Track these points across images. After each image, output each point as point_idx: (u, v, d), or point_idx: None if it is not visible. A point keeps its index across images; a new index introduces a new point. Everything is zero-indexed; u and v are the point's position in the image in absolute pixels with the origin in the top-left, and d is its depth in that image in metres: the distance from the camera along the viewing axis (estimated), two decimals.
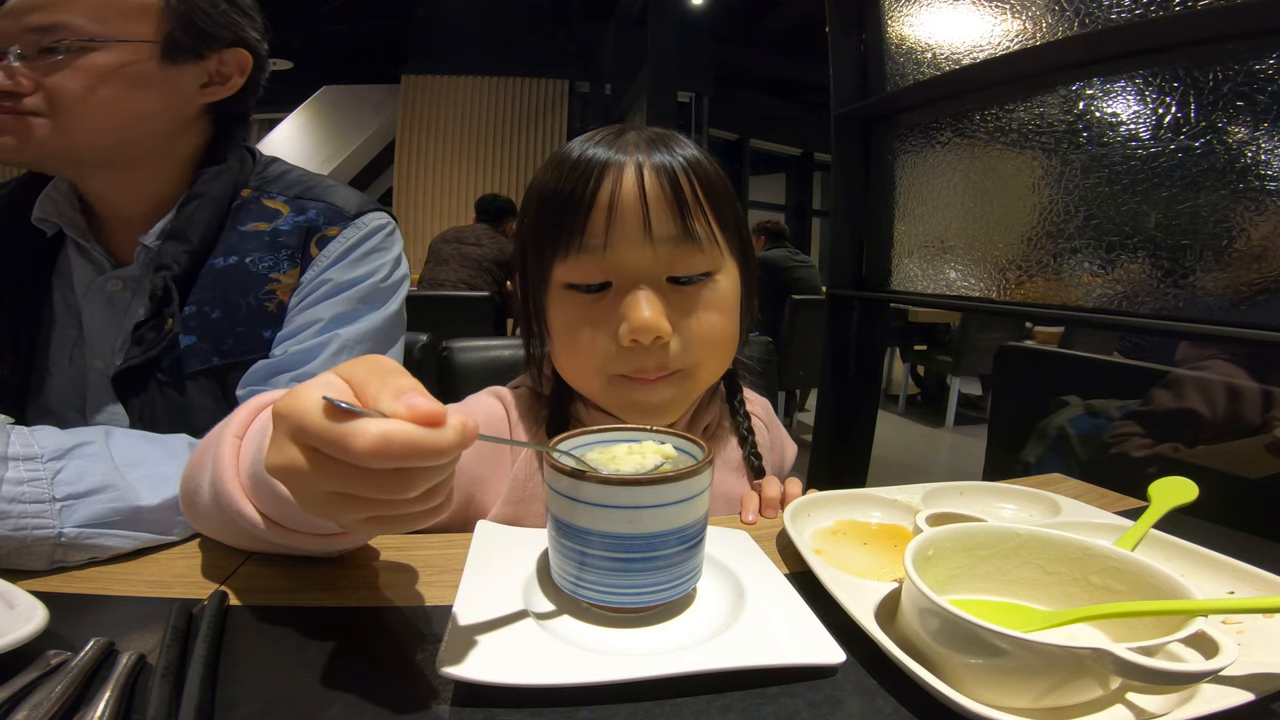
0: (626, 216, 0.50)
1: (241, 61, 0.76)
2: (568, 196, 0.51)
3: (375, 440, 0.26)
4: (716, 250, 0.54)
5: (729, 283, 0.56)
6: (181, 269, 0.70)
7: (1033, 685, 0.33)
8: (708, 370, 0.57)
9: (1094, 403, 1.32)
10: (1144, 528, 0.49)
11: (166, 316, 0.70)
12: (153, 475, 0.52)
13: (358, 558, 0.50)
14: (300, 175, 0.83)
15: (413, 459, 0.27)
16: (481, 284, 3.35)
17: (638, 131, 0.55)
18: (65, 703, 0.31)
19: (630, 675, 0.35)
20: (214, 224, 0.74)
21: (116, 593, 0.44)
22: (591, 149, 0.52)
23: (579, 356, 0.55)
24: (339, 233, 0.76)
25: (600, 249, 0.51)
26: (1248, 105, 1.00)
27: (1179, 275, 1.10)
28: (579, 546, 0.40)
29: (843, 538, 0.55)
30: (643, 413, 0.56)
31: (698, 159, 0.54)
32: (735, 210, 0.57)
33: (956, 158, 1.54)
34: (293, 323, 0.73)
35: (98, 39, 0.64)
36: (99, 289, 0.74)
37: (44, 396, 0.73)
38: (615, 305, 0.52)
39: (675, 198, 0.51)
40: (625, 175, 0.51)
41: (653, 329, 0.50)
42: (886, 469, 2.88)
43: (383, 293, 0.77)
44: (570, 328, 0.54)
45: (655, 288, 0.52)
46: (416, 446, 0.27)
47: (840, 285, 1.83)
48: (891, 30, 1.68)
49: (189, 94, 0.73)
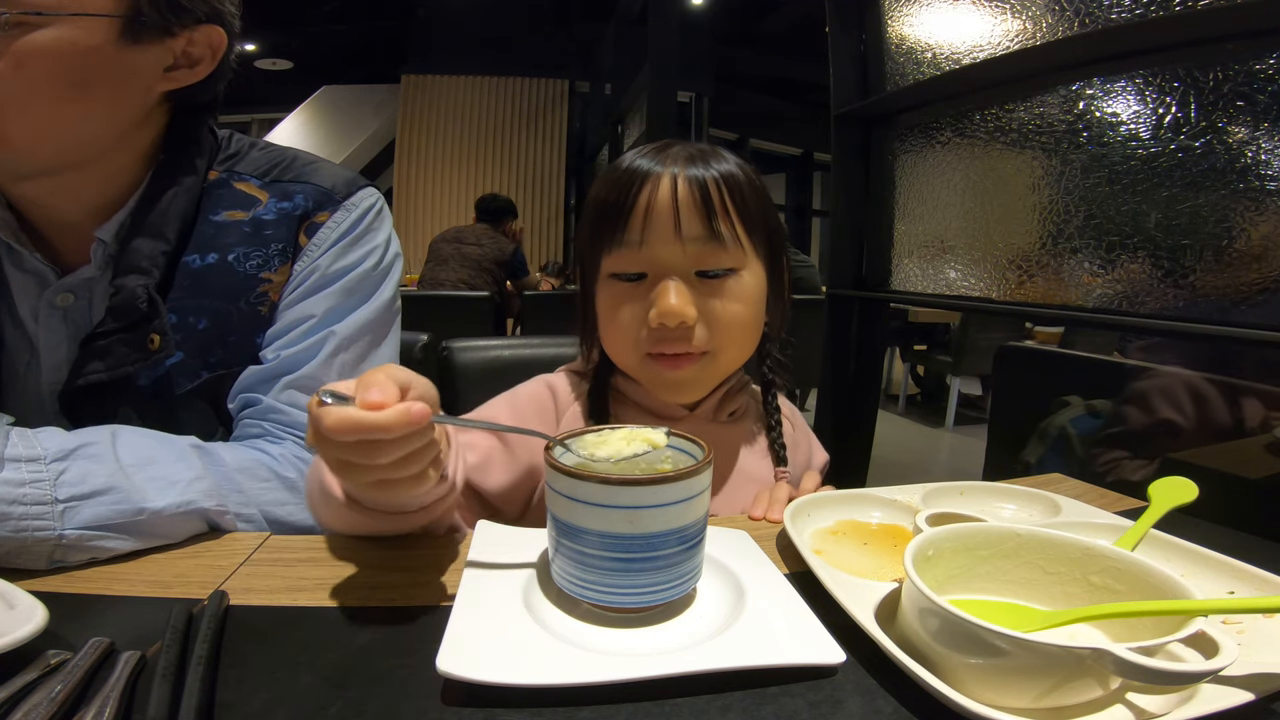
0: (660, 218, 0.59)
1: (214, 41, 0.64)
2: (615, 202, 0.60)
3: (333, 420, 0.36)
4: (741, 250, 0.61)
5: (752, 279, 0.63)
6: (162, 273, 0.62)
7: (1033, 685, 0.33)
8: (729, 354, 0.64)
9: (1094, 403, 1.32)
10: (1144, 528, 0.49)
11: (151, 332, 0.60)
12: (160, 477, 0.51)
13: (358, 558, 0.50)
14: (268, 153, 0.73)
15: (364, 433, 0.36)
16: (481, 284, 3.35)
17: (682, 146, 0.63)
18: (65, 703, 0.31)
19: (630, 675, 0.35)
20: (189, 216, 0.65)
21: (116, 593, 0.44)
22: (638, 161, 0.61)
23: (619, 335, 0.63)
24: (329, 218, 0.70)
25: (638, 245, 0.60)
26: (1248, 105, 1.00)
27: (1179, 275, 1.10)
28: (579, 546, 0.40)
29: (843, 538, 0.55)
30: (669, 388, 0.65)
31: (732, 172, 0.61)
32: (767, 217, 0.63)
33: (956, 158, 1.54)
34: (284, 319, 0.67)
35: (45, 12, 0.51)
36: (49, 307, 0.64)
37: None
38: (649, 293, 0.60)
39: (704, 204, 0.59)
40: (662, 184, 0.59)
41: (677, 314, 0.58)
42: (886, 469, 2.88)
43: (375, 279, 0.72)
44: (612, 310, 0.63)
45: (684, 279, 0.60)
46: (361, 424, 0.36)
47: (840, 285, 1.83)
48: (891, 30, 1.68)
49: (150, 81, 0.61)
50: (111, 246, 0.64)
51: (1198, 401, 1.13)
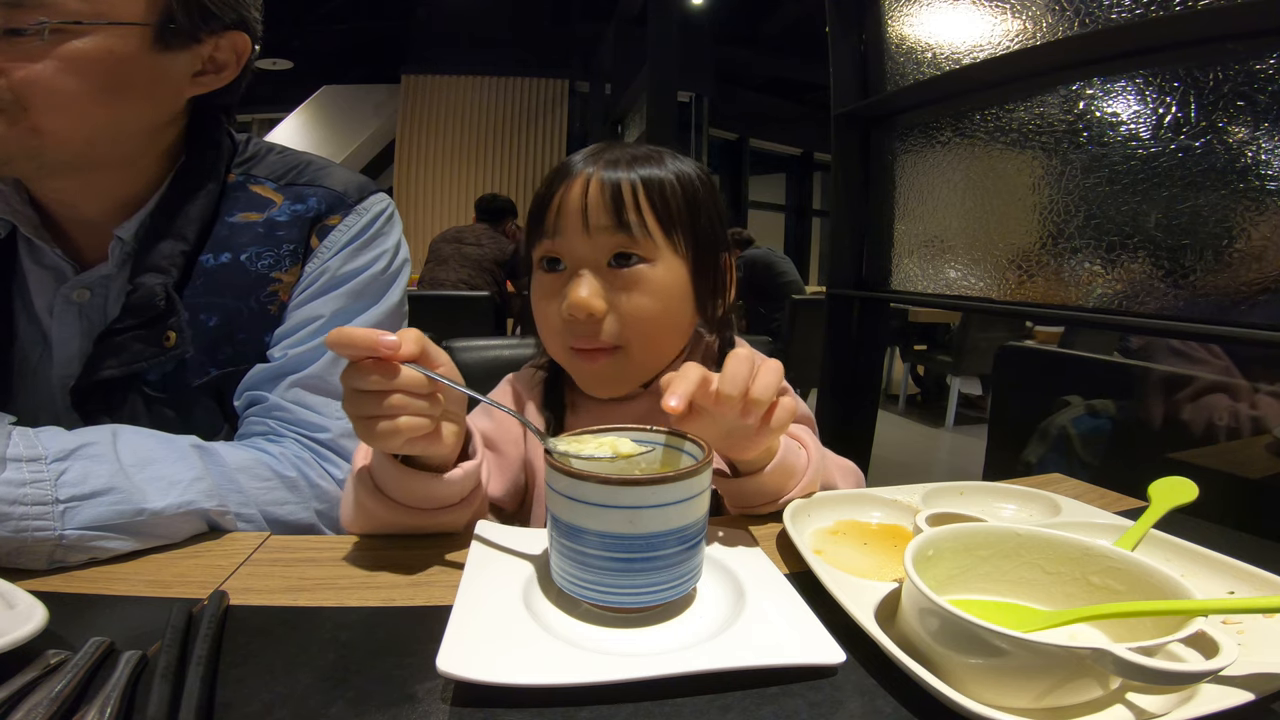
0: (571, 212, 0.62)
1: (239, 47, 0.66)
2: (540, 196, 0.65)
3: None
4: (652, 243, 0.62)
5: (666, 273, 0.63)
6: (179, 273, 0.64)
7: (1033, 685, 0.33)
8: (642, 349, 0.64)
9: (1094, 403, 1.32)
10: (1144, 528, 0.49)
11: (168, 330, 0.62)
12: (160, 478, 0.51)
13: (358, 558, 0.50)
14: (284, 158, 0.75)
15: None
16: (481, 284, 3.35)
17: (618, 150, 0.65)
18: (65, 703, 0.31)
19: (630, 675, 0.35)
20: (207, 217, 0.67)
21: (116, 593, 0.44)
22: (572, 159, 0.65)
23: (545, 328, 0.66)
24: (340, 221, 0.71)
25: (552, 234, 0.63)
26: (1248, 105, 1.00)
27: (1179, 275, 1.10)
28: (579, 546, 0.40)
29: (843, 538, 0.55)
30: (589, 382, 0.66)
31: (656, 175, 0.63)
32: (694, 218, 0.64)
33: (956, 158, 1.54)
34: (292, 319, 0.68)
35: (84, 20, 0.54)
36: (65, 302, 0.65)
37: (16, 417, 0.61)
38: (565, 283, 0.62)
39: (613, 200, 0.61)
40: (576, 182, 0.62)
41: (585, 306, 0.60)
42: (886, 469, 2.88)
43: (384, 283, 0.73)
44: (538, 303, 0.66)
45: (596, 271, 0.62)
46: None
47: (840, 285, 1.83)
48: (891, 30, 1.68)
49: (179, 85, 0.64)
50: (130, 245, 0.65)
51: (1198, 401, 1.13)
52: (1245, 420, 1.10)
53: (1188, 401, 1.14)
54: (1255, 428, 1.09)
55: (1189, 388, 1.15)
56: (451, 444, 0.50)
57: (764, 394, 0.48)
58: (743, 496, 0.58)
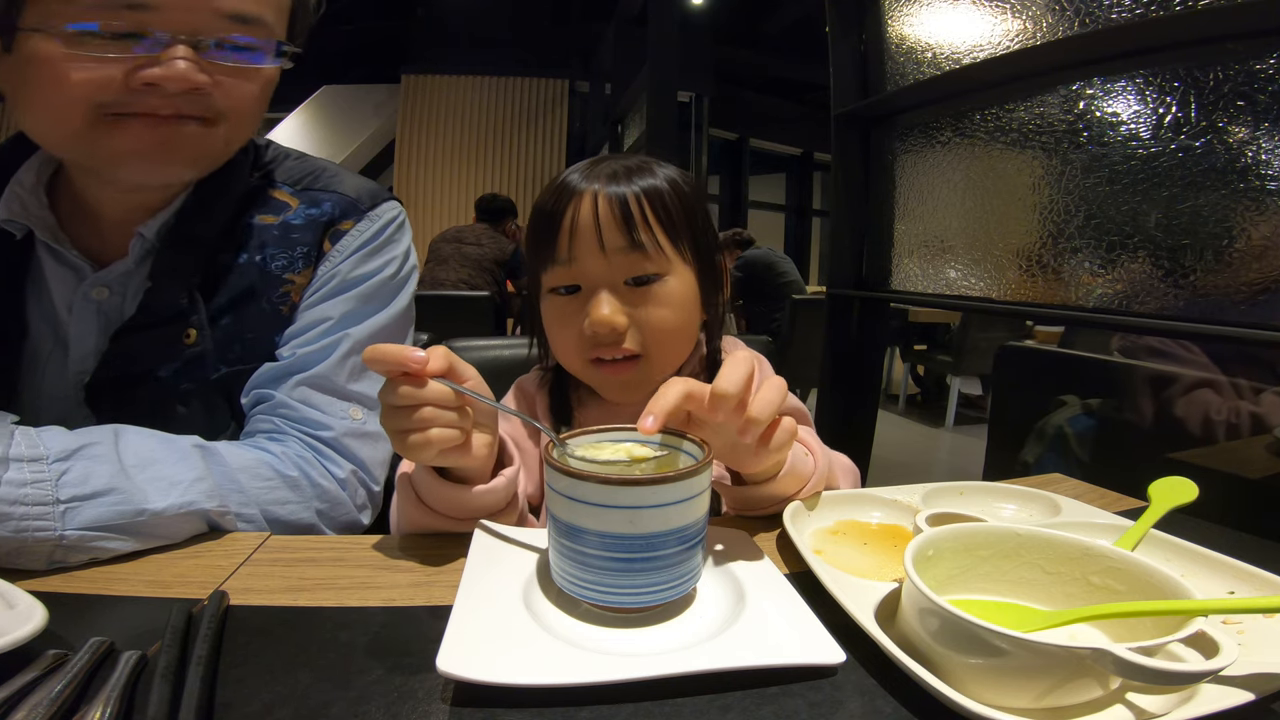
0: (585, 235, 0.62)
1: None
2: (546, 220, 0.64)
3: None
4: (665, 258, 0.63)
5: (680, 283, 0.65)
6: (200, 275, 0.66)
7: (1033, 685, 0.33)
8: (662, 356, 0.66)
9: (1093, 402, 1.32)
10: (1144, 528, 0.49)
11: (189, 328, 0.65)
12: (161, 478, 0.51)
13: (358, 558, 0.50)
14: (302, 163, 0.78)
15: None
16: (481, 283, 3.35)
17: (611, 162, 0.66)
18: (65, 703, 0.31)
19: (630, 675, 0.35)
20: (229, 219, 0.69)
21: (116, 593, 0.44)
22: (569, 178, 0.65)
23: (563, 346, 0.67)
24: (353, 226, 0.73)
25: (567, 261, 0.63)
26: (1248, 105, 1.00)
27: (1179, 275, 1.10)
28: (579, 546, 0.40)
29: (843, 538, 0.55)
30: (614, 390, 0.67)
31: (654, 185, 0.64)
32: (693, 224, 0.66)
33: (956, 158, 1.54)
34: (302, 319, 0.69)
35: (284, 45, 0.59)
36: (84, 299, 0.65)
37: (20, 413, 0.60)
38: (584, 304, 0.63)
39: (624, 219, 0.62)
40: (584, 202, 0.62)
41: (607, 323, 0.61)
42: (886, 469, 2.88)
43: (393, 288, 0.75)
44: (555, 324, 0.67)
45: (614, 290, 0.63)
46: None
47: (840, 285, 1.83)
48: (891, 30, 1.68)
49: None
50: (150, 242, 0.66)
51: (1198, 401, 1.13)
52: (1245, 419, 1.10)
53: (1188, 401, 1.14)
54: (1255, 427, 1.09)
55: (1189, 388, 1.15)
56: (484, 455, 0.51)
57: (763, 413, 0.46)
58: (749, 503, 0.58)
